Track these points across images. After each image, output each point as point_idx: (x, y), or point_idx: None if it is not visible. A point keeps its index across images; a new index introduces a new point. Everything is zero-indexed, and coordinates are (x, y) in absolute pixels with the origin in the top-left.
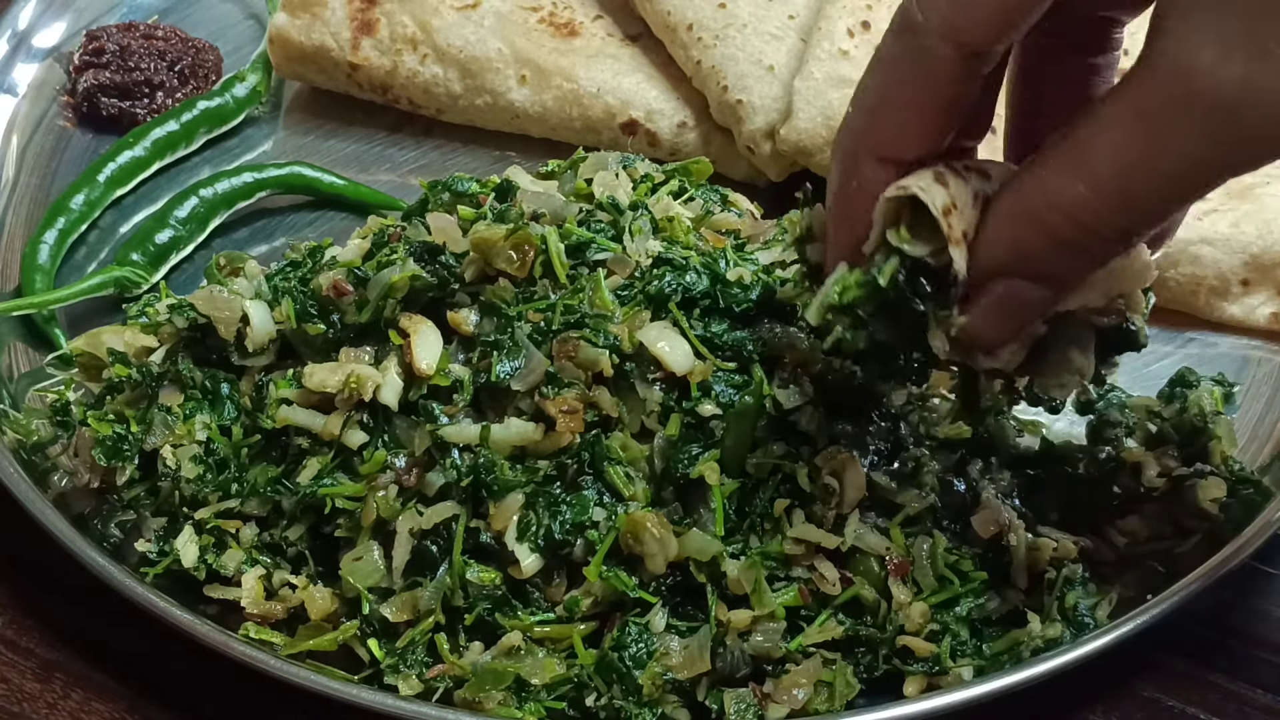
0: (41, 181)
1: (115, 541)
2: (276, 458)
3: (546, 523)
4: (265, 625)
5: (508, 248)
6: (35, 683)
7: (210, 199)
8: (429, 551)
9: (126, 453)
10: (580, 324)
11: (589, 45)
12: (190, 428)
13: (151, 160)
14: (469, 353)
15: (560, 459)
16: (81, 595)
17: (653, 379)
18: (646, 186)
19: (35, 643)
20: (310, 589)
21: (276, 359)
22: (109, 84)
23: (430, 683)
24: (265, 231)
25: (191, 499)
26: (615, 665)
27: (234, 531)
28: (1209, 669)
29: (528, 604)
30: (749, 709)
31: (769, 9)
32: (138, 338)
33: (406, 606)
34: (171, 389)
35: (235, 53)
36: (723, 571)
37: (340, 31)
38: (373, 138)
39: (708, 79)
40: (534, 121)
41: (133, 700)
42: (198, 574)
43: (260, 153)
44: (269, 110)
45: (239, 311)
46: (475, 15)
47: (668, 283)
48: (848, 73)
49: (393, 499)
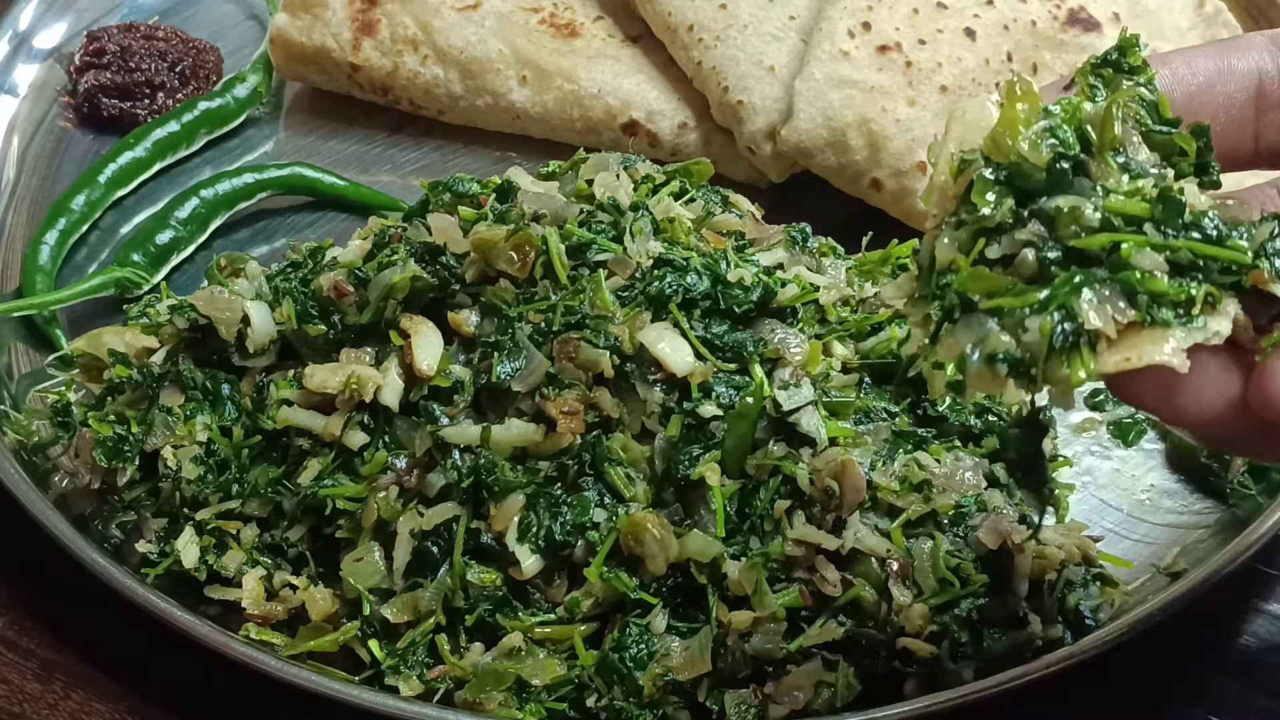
0: (42, 182)
1: (116, 542)
2: (277, 458)
3: (547, 524)
4: (266, 626)
5: (508, 248)
6: (36, 683)
7: (211, 200)
8: (430, 552)
9: (127, 454)
10: (581, 325)
11: (590, 46)
12: (191, 428)
13: (152, 161)
14: (470, 353)
15: (561, 460)
16: (82, 596)
17: (653, 380)
18: (647, 187)
19: (36, 643)
20: (311, 590)
21: (277, 360)
22: (110, 85)
23: (431, 684)
24: (266, 232)
25: (192, 500)
26: (616, 666)
27: (235, 532)
28: (1209, 669)
29: (528, 605)
30: (750, 710)
31: (770, 10)
32: (138, 338)
33: (407, 607)
34: (172, 390)
35: (236, 53)
36: (723, 573)
37: (341, 32)
38: (373, 138)
39: (708, 80)
40: (535, 122)
41: (133, 701)
42: (198, 575)
43: (261, 153)
44: (270, 111)
45: (240, 312)
46: (476, 16)
47: (668, 284)
48: (848, 73)
49: (393, 500)
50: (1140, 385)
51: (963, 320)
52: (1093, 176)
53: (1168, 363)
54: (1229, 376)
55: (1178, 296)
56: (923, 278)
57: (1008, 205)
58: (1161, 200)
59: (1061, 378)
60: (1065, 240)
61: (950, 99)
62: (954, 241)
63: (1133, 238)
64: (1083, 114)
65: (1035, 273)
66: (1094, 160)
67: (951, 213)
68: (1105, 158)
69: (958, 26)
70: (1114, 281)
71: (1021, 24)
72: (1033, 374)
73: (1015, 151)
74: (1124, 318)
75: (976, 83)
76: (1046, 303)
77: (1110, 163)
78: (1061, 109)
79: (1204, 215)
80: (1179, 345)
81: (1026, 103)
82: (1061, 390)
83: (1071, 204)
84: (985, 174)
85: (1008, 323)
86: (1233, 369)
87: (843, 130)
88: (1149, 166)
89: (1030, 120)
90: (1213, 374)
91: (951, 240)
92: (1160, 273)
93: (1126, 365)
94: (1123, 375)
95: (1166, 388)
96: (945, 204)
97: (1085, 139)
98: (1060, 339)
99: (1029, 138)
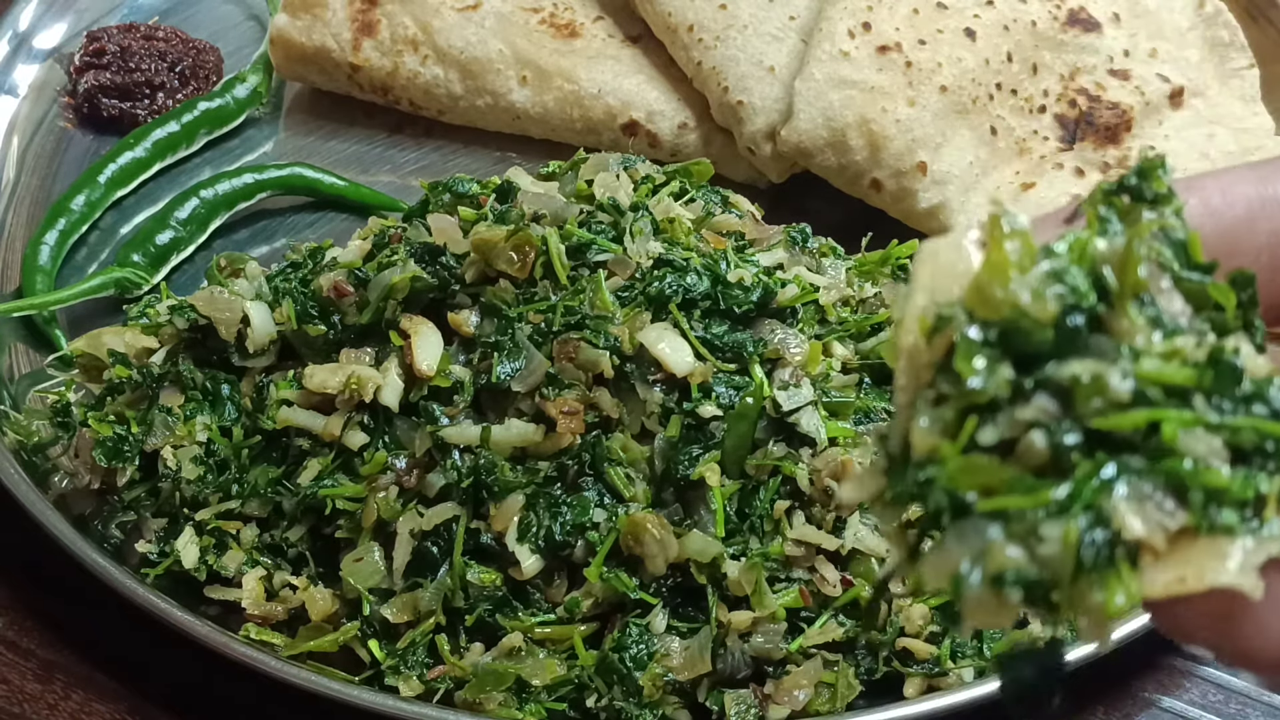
0: (42, 182)
1: (116, 542)
2: (277, 459)
3: (547, 524)
4: (266, 626)
5: (508, 249)
6: (36, 684)
7: (211, 200)
8: (430, 552)
9: (127, 454)
10: (581, 325)
11: (590, 46)
12: (191, 429)
13: (152, 161)
14: (470, 354)
15: (561, 460)
16: (82, 596)
17: (653, 380)
18: (647, 188)
19: (36, 644)
20: (311, 590)
21: (277, 360)
22: (110, 85)
23: (431, 684)
24: (266, 232)
25: (192, 500)
26: (616, 666)
27: (234, 532)
28: (1209, 669)
29: (528, 605)
30: (750, 710)
31: (770, 10)
32: (138, 339)
33: (407, 607)
34: (172, 390)
35: (236, 54)
36: (723, 573)
37: (341, 32)
38: (373, 139)
39: (708, 80)
40: (535, 123)
41: (133, 701)
42: (198, 575)
43: (261, 154)
44: (270, 111)
45: (239, 312)
46: (476, 16)
47: (668, 284)
48: (849, 74)
49: (393, 500)
50: (1192, 613)
51: (953, 528)
52: (1115, 335)
53: (1235, 585)
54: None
55: (1243, 494)
56: (894, 471)
57: (1004, 375)
58: (1212, 364)
59: (1095, 605)
60: (1086, 419)
61: (950, 99)
62: (935, 423)
63: (1178, 414)
64: (1095, 253)
65: (1046, 463)
66: (1115, 314)
67: (928, 384)
68: (1128, 310)
69: (958, 27)
70: (1156, 473)
71: (1021, 24)
72: (1054, 599)
73: (1010, 304)
74: (1174, 522)
75: (976, 83)
76: (1068, 502)
77: (1136, 317)
78: (1069, 247)
79: (1270, 384)
80: (1248, 560)
81: (1017, 240)
82: (1095, 621)
83: (1093, 371)
84: (970, 334)
85: (1016, 530)
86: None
87: (843, 131)
88: (1185, 321)
89: (1026, 264)
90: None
91: (932, 421)
92: (1218, 461)
93: (1181, 589)
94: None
95: (1228, 617)
96: (918, 373)
97: (1102, 286)
98: (1090, 552)
99: (1029, 285)
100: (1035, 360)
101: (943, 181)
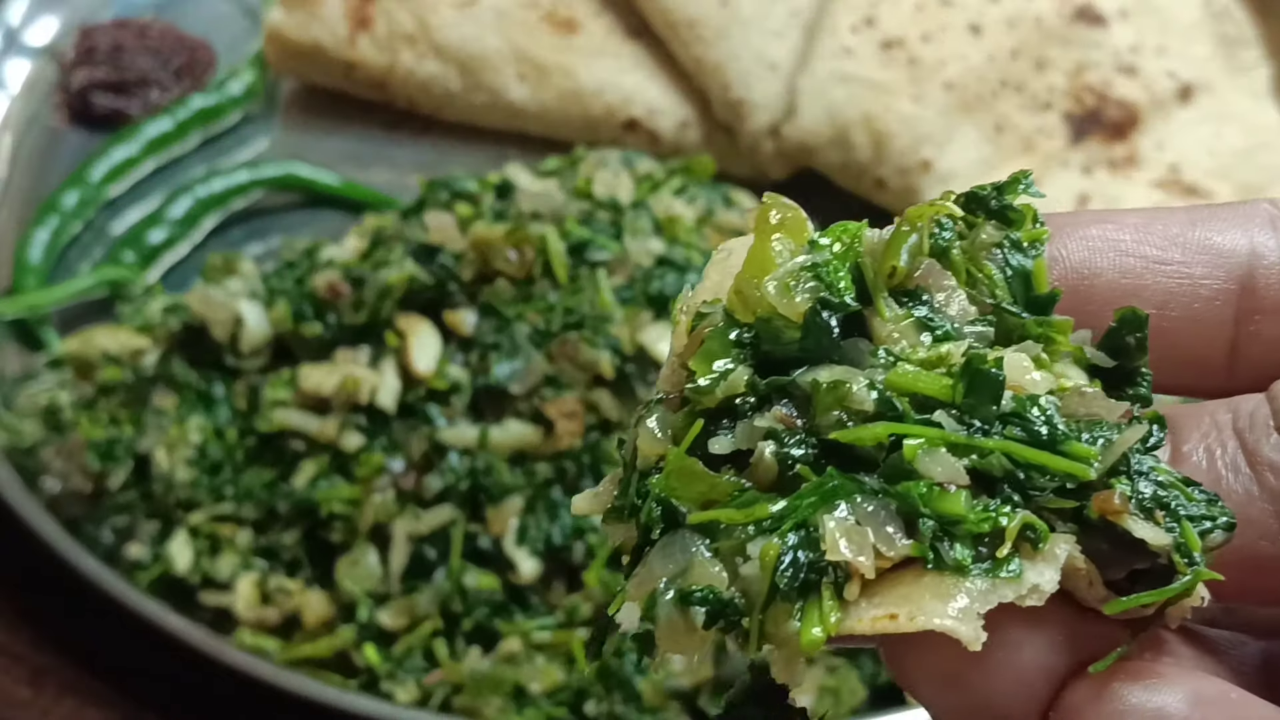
0: (34, 180)
1: (108, 546)
2: (271, 461)
3: (546, 527)
4: (260, 631)
5: (507, 247)
6: (27, 689)
7: (205, 198)
8: (427, 556)
9: (119, 456)
10: (580, 325)
11: (589, 42)
12: (184, 430)
13: (145, 158)
14: (467, 354)
15: (560, 462)
16: (74, 600)
17: (654, 381)
18: (648, 185)
19: (27, 648)
20: (306, 594)
21: (272, 360)
22: (102, 81)
23: (428, 689)
24: (261, 231)
25: (185, 503)
26: (616, 672)
27: (228, 536)
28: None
29: (527, 609)
30: None
31: (771, 6)
32: (131, 339)
33: (404, 612)
34: (165, 391)
35: (230, 50)
36: None
37: (337, 28)
38: (369, 135)
39: (710, 77)
40: (533, 119)
41: (125, 707)
42: (191, 579)
43: (256, 151)
44: (264, 108)
45: (234, 312)
46: (474, 12)
47: (669, 283)
48: (851, 70)
49: (390, 502)
50: (914, 658)
51: (662, 542)
52: (875, 338)
53: (950, 630)
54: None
55: (978, 526)
56: (624, 480)
57: (742, 377)
58: (968, 373)
59: (788, 635)
60: (823, 431)
61: (955, 95)
62: (664, 426)
63: (921, 429)
64: (865, 245)
65: (776, 479)
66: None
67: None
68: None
69: (962, 22)
70: (889, 496)
71: (1027, 20)
72: (745, 625)
73: (764, 302)
74: (892, 550)
75: (981, 79)
76: (780, 519)
77: (895, 315)
78: (834, 239)
79: (1032, 403)
80: (972, 604)
81: (786, 233)
82: (788, 654)
83: (835, 378)
84: (728, 335)
85: (725, 548)
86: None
87: (846, 127)
88: (965, 325)
89: (787, 257)
90: (1025, 658)
91: (661, 424)
92: (957, 486)
93: (892, 627)
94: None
95: (952, 669)
96: (675, 376)
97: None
98: (789, 575)
99: (779, 279)
100: (784, 365)
101: (947, 179)
